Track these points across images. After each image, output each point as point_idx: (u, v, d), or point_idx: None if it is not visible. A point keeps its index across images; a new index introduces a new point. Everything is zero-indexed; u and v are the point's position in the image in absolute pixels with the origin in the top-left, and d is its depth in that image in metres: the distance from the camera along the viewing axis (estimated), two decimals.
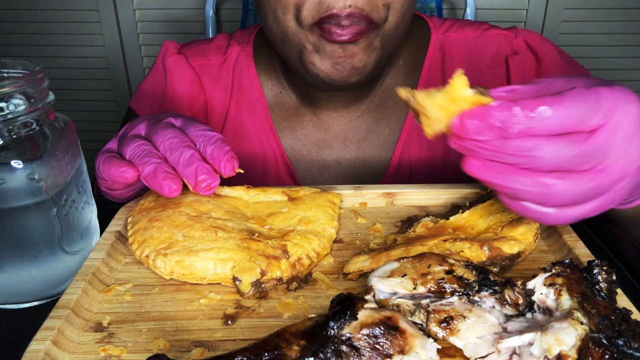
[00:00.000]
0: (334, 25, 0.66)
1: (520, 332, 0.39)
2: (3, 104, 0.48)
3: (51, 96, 0.52)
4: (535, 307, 0.41)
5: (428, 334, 0.41)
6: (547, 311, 0.41)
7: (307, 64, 0.71)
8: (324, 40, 0.68)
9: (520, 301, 0.41)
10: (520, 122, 0.40)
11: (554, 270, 0.42)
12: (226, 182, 0.61)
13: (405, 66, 0.87)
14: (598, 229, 0.61)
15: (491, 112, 0.40)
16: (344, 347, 0.37)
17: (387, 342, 0.38)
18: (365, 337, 0.38)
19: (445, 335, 0.41)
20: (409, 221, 0.60)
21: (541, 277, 0.42)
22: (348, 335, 0.38)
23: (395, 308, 0.43)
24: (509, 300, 0.41)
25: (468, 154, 0.43)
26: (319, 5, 0.66)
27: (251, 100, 0.87)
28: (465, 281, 0.42)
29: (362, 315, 0.39)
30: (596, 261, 0.43)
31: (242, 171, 0.56)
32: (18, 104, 0.48)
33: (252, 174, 0.87)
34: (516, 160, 0.41)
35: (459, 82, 0.42)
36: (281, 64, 0.86)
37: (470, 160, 0.43)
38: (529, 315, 0.41)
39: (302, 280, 0.52)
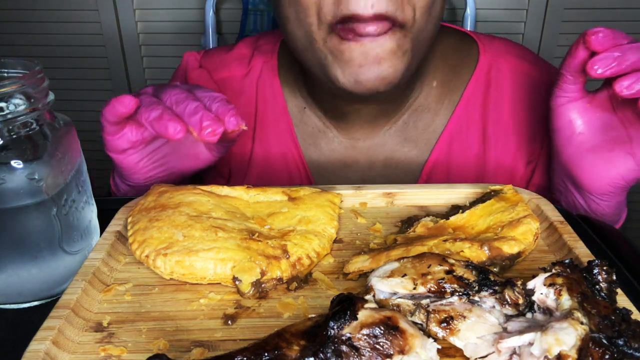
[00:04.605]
0: (354, 23, 0.62)
1: (520, 332, 0.39)
2: (3, 104, 0.48)
3: (51, 96, 0.52)
4: (535, 307, 0.41)
5: (428, 334, 0.41)
6: (547, 311, 0.41)
7: (330, 77, 0.68)
8: (343, 44, 0.64)
9: (520, 301, 0.41)
10: None
11: (554, 270, 0.42)
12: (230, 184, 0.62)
13: (440, 87, 0.82)
14: (598, 229, 0.61)
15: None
16: (344, 347, 0.37)
17: (387, 342, 0.38)
18: (365, 337, 0.38)
19: (445, 335, 0.41)
20: (409, 221, 0.60)
21: (541, 277, 0.42)
22: (348, 335, 0.38)
23: (395, 308, 0.43)
24: (509, 300, 0.41)
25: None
26: (336, 4, 0.63)
27: (275, 116, 0.85)
28: (465, 281, 0.42)
29: (362, 315, 0.39)
30: (596, 261, 0.43)
31: (245, 128, 0.58)
32: (18, 104, 0.48)
33: None
34: None
35: None
36: (304, 79, 0.83)
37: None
38: (529, 315, 0.41)
39: (302, 280, 0.52)
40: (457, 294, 0.42)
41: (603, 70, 0.55)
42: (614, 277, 0.43)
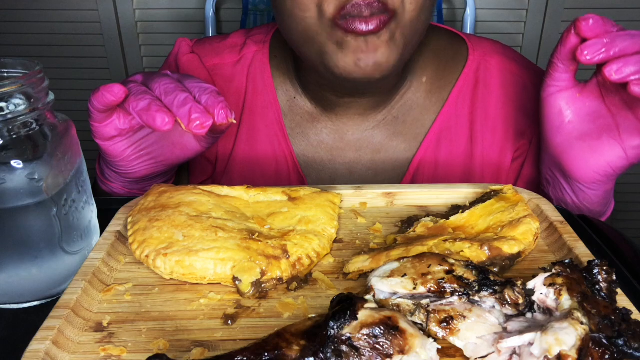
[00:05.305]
0: (357, 19, 0.64)
1: (520, 332, 0.39)
2: (3, 104, 0.48)
3: (51, 96, 0.52)
4: (535, 307, 0.41)
5: (428, 334, 0.41)
6: (547, 311, 0.41)
7: (329, 64, 0.69)
8: (348, 36, 0.66)
9: (520, 301, 0.41)
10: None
11: (554, 270, 0.42)
12: (228, 183, 0.62)
13: (430, 84, 0.84)
14: (598, 229, 0.61)
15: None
16: (344, 347, 0.37)
17: (387, 342, 0.38)
18: (365, 337, 0.38)
19: (445, 335, 0.41)
20: (409, 221, 0.60)
21: (541, 277, 0.42)
22: (348, 335, 0.38)
23: (395, 308, 0.43)
24: (509, 300, 0.41)
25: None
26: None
27: (264, 104, 0.85)
28: (465, 281, 0.42)
29: (362, 315, 0.39)
30: (596, 261, 0.43)
31: (235, 122, 0.59)
32: (18, 104, 0.48)
33: (264, 180, 0.86)
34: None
35: None
36: (295, 68, 0.84)
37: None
38: (529, 315, 0.41)
39: (302, 280, 0.52)
40: (457, 294, 0.42)
41: (592, 56, 0.56)
42: (614, 277, 0.43)
